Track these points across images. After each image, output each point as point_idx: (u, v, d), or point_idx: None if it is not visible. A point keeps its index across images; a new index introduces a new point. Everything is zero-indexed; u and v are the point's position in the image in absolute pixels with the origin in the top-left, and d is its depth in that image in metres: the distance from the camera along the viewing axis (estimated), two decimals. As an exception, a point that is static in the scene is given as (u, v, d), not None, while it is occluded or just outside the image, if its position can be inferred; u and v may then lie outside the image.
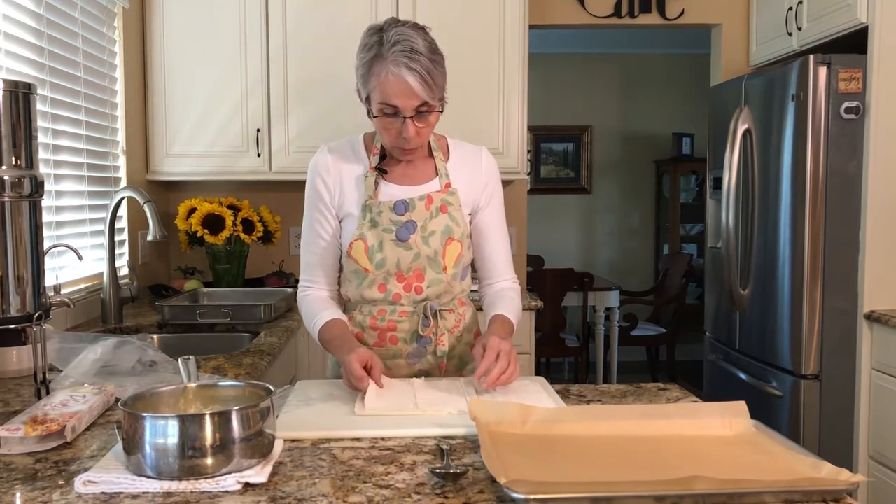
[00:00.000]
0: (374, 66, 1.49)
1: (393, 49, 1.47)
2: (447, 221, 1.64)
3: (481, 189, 1.71)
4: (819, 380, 2.89)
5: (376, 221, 1.62)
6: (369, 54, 1.50)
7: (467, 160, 1.71)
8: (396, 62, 1.47)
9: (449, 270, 1.65)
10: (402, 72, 1.47)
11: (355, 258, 1.63)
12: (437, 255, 1.63)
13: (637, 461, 1.12)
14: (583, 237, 6.47)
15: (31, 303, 1.72)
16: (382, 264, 1.62)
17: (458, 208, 1.66)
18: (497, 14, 3.14)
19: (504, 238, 1.76)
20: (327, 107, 3.12)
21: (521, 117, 3.18)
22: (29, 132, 1.70)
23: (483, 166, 1.71)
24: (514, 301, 1.72)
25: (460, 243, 1.66)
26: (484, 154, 1.73)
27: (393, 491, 1.03)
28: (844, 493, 1.00)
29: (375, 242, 1.61)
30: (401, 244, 1.62)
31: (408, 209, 1.62)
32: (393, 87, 1.48)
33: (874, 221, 2.82)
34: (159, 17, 3.07)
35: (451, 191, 1.66)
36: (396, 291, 1.65)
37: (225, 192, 3.35)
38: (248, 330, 2.42)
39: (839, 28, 2.96)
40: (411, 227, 1.62)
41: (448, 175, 1.67)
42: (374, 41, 1.50)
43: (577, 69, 6.29)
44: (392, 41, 1.48)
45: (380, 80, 1.49)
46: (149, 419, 1.04)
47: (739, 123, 3.20)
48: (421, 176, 1.67)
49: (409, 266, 1.63)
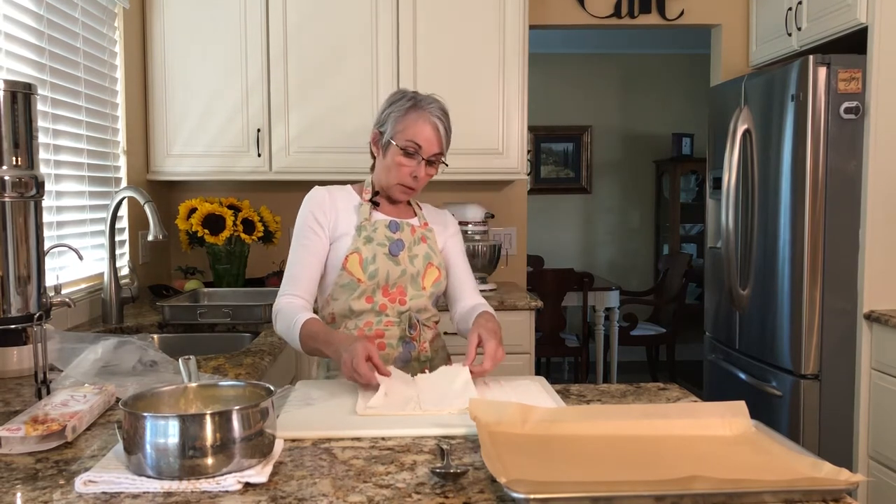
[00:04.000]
0: (411, 112, 1.77)
1: (431, 105, 1.79)
2: (427, 249, 1.87)
3: (448, 232, 1.97)
4: (819, 380, 2.89)
5: (371, 238, 1.80)
6: (407, 104, 1.78)
7: (435, 213, 1.99)
8: (433, 113, 1.78)
9: (427, 289, 1.84)
10: (435, 121, 1.77)
11: (350, 270, 1.78)
12: (418, 274, 1.83)
13: (637, 461, 1.12)
14: (583, 237, 6.47)
15: (31, 303, 1.72)
16: (374, 275, 1.78)
17: (435, 242, 1.91)
18: (497, 14, 3.14)
19: (468, 270, 1.96)
20: (327, 107, 3.12)
21: (521, 117, 3.18)
22: (29, 132, 1.71)
23: (448, 219, 1.99)
24: (488, 308, 1.85)
25: (438, 270, 1.87)
26: (447, 212, 2.02)
27: (393, 491, 1.04)
28: (844, 493, 1.00)
29: (370, 255, 1.79)
30: (392, 258, 1.80)
31: (399, 229, 1.85)
32: (424, 131, 1.76)
33: (874, 221, 2.82)
34: (159, 17, 3.08)
35: (429, 228, 1.92)
36: (382, 302, 1.80)
37: (225, 192, 3.36)
38: (248, 330, 2.43)
39: (839, 28, 2.96)
40: (401, 245, 1.83)
41: (425, 218, 1.95)
42: (411, 96, 1.80)
43: (577, 69, 6.29)
44: (429, 101, 1.79)
45: (416, 123, 1.76)
46: (149, 419, 1.04)
47: (739, 123, 3.20)
48: (404, 215, 1.91)
49: (395, 281, 1.80)
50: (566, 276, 4.61)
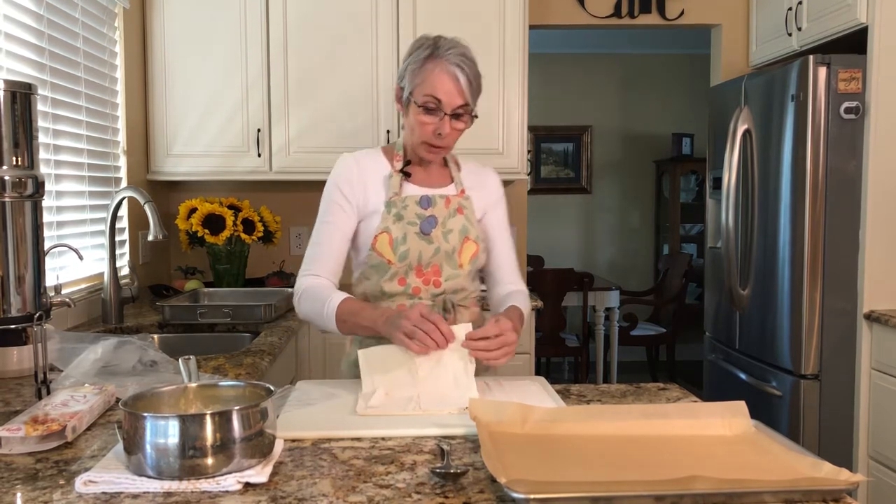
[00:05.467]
0: (428, 62, 1.61)
1: (449, 51, 1.62)
2: (464, 222, 1.73)
3: (489, 199, 1.81)
4: (819, 380, 2.89)
5: (401, 215, 1.68)
6: (424, 52, 1.62)
7: (477, 174, 1.82)
8: (451, 61, 1.60)
9: (465, 267, 1.72)
10: (454, 70, 1.60)
11: (380, 251, 1.68)
12: (454, 251, 1.71)
13: (637, 461, 1.12)
14: (583, 237, 6.47)
15: (31, 303, 1.72)
16: (405, 256, 1.67)
17: (472, 212, 1.76)
18: (497, 14, 3.14)
19: (510, 247, 1.84)
20: (328, 107, 3.12)
21: (521, 117, 3.18)
22: (29, 132, 1.71)
23: (490, 180, 1.83)
24: (523, 303, 1.76)
25: (476, 244, 1.74)
26: (491, 171, 1.86)
27: (393, 491, 1.04)
28: (844, 493, 1.00)
29: (400, 235, 1.67)
30: (423, 237, 1.68)
31: (431, 204, 1.71)
32: (443, 83, 1.60)
33: (874, 221, 2.82)
34: (159, 17, 3.08)
35: (466, 196, 1.76)
36: (416, 285, 1.70)
37: (225, 192, 3.36)
38: (248, 330, 2.43)
39: (839, 28, 2.96)
40: (433, 222, 1.70)
41: (462, 183, 1.78)
42: (430, 44, 1.64)
43: (577, 69, 6.29)
44: (447, 46, 1.62)
45: (433, 74, 1.61)
46: (149, 419, 1.04)
47: (739, 123, 3.20)
48: (438, 181, 1.77)
49: (428, 260, 1.69)
50: (566, 276, 4.62)
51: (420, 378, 1.52)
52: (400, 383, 1.50)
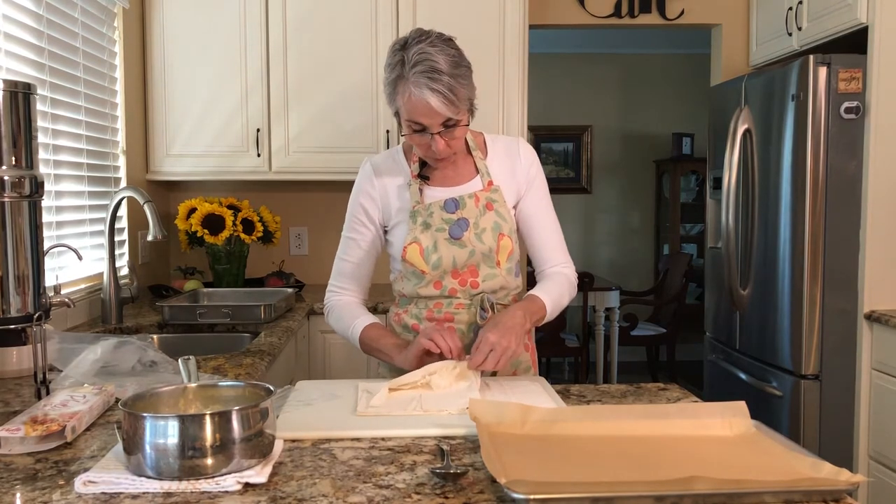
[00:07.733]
0: (398, 85, 1.51)
1: (414, 70, 1.48)
2: (495, 218, 1.67)
3: (522, 180, 1.73)
4: (819, 380, 2.89)
5: (428, 223, 1.65)
6: (393, 74, 1.53)
7: (506, 153, 1.73)
8: (418, 83, 1.48)
9: (503, 265, 1.68)
10: (423, 93, 1.48)
11: (411, 261, 1.65)
12: (491, 251, 1.66)
13: (637, 461, 1.12)
14: (583, 237, 6.47)
15: (31, 303, 1.72)
16: (439, 264, 1.65)
17: (503, 204, 1.68)
18: (497, 14, 3.14)
19: (553, 223, 1.76)
20: (327, 107, 3.12)
21: (521, 117, 3.18)
22: (29, 132, 1.70)
23: (522, 157, 1.73)
24: (558, 284, 1.72)
25: (510, 238, 1.68)
26: (521, 144, 1.76)
27: (393, 491, 1.03)
28: (844, 494, 1.00)
29: (430, 244, 1.64)
30: (455, 242, 1.64)
31: (458, 207, 1.65)
32: (417, 108, 1.50)
33: (874, 221, 2.82)
34: (159, 17, 3.07)
35: (494, 188, 1.68)
36: (452, 287, 1.67)
37: (225, 192, 3.35)
38: (248, 330, 2.43)
39: (839, 28, 2.96)
40: (464, 225, 1.64)
41: (489, 173, 1.70)
42: (397, 60, 1.51)
43: (577, 69, 6.29)
44: (413, 61, 1.48)
45: (404, 99, 1.51)
46: (149, 419, 1.04)
47: (739, 123, 3.20)
48: (462, 176, 1.70)
49: (464, 263, 1.66)
50: (566, 276, 4.60)
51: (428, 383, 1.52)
52: (406, 381, 1.51)
